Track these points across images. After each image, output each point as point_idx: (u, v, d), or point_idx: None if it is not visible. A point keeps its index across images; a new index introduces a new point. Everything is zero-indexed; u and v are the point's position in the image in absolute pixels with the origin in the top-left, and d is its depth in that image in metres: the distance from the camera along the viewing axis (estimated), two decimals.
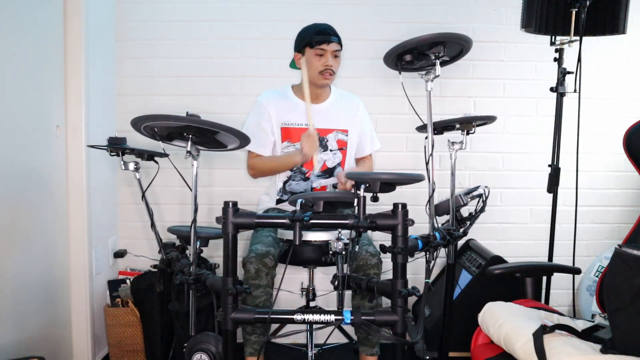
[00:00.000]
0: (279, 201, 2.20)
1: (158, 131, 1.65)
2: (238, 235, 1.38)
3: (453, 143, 1.91)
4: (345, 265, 1.44)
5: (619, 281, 1.23)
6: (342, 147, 2.19)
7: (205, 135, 1.63)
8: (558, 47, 2.10)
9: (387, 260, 1.56)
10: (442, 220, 1.95)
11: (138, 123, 1.61)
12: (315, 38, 2.04)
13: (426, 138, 1.78)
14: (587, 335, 1.35)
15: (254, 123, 2.17)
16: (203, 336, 1.54)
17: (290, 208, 2.12)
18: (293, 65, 2.19)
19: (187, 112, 1.59)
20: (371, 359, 1.95)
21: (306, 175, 2.16)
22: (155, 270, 2.12)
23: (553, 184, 2.13)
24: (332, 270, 1.47)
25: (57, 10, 2.07)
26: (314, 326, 1.86)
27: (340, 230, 1.42)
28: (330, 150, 2.18)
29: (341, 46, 2.10)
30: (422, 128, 1.97)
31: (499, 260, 2.23)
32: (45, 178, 2.00)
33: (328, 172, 2.18)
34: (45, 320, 1.99)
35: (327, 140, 2.17)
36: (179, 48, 2.55)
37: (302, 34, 2.12)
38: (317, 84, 2.11)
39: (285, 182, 2.17)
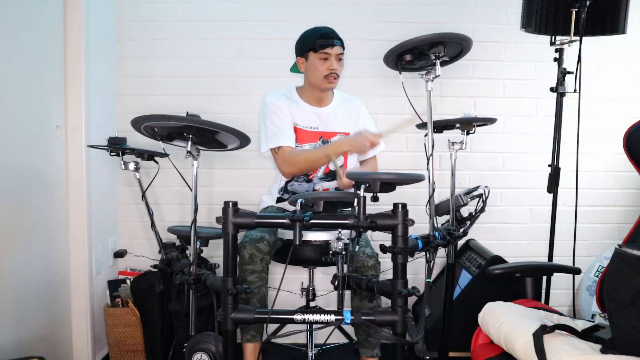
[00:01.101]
0: (279, 200, 2.19)
1: (158, 131, 1.65)
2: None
3: (453, 143, 1.91)
4: (345, 265, 1.44)
5: (619, 281, 1.23)
6: None
7: (205, 135, 1.63)
8: (558, 47, 2.09)
9: (386, 260, 1.56)
10: (442, 220, 1.95)
11: (138, 123, 1.61)
12: (319, 42, 2.03)
13: (425, 136, 1.78)
14: (587, 335, 1.35)
15: (274, 121, 2.09)
16: (203, 336, 1.54)
17: (290, 208, 2.13)
18: (294, 69, 2.19)
19: (187, 112, 1.59)
20: None
21: (309, 177, 2.16)
22: (155, 270, 2.12)
23: (553, 184, 2.13)
24: (332, 270, 1.47)
25: (57, 10, 2.07)
26: (314, 326, 1.86)
27: (340, 230, 1.42)
28: None
29: (344, 48, 2.10)
30: (421, 126, 1.97)
31: (499, 260, 2.23)
32: (45, 178, 2.00)
33: (331, 175, 2.18)
34: (45, 320, 1.99)
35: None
36: (179, 48, 2.55)
37: (304, 38, 2.10)
38: (322, 87, 2.10)
39: (287, 182, 2.17)
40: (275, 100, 2.13)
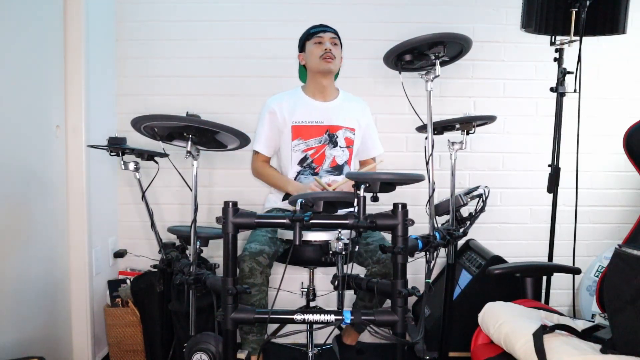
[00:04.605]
0: (286, 195, 2.21)
1: (158, 131, 1.65)
2: (238, 235, 1.38)
3: (453, 143, 1.91)
4: (345, 266, 1.44)
5: (619, 281, 1.23)
6: (349, 144, 2.24)
7: (205, 135, 1.63)
8: (558, 47, 2.09)
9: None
10: (442, 220, 1.95)
11: (138, 123, 1.61)
12: (311, 30, 2.20)
13: (426, 138, 1.78)
14: (587, 335, 1.35)
15: (261, 125, 2.25)
16: (203, 336, 1.54)
17: (290, 208, 2.13)
18: (302, 76, 2.28)
19: (187, 112, 1.59)
20: None
21: (315, 171, 2.19)
22: (155, 270, 2.12)
23: (553, 184, 2.13)
24: (332, 270, 1.47)
25: (57, 10, 2.07)
26: (314, 326, 1.86)
27: (340, 230, 1.41)
28: (340, 147, 2.21)
29: (340, 40, 2.21)
30: (422, 128, 1.97)
31: (499, 260, 2.23)
32: (45, 178, 1.99)
33: (337, 169, 2.21)
34: (45, 320, 1.99)
35: (337, 137, 2.21)
36: (179, 48, 2.56)
37: (300, 36, 2.24)
38: (320, 69, 2.16)
39: (295, 178, 2.19)
40: (273, 104, 2.22)
